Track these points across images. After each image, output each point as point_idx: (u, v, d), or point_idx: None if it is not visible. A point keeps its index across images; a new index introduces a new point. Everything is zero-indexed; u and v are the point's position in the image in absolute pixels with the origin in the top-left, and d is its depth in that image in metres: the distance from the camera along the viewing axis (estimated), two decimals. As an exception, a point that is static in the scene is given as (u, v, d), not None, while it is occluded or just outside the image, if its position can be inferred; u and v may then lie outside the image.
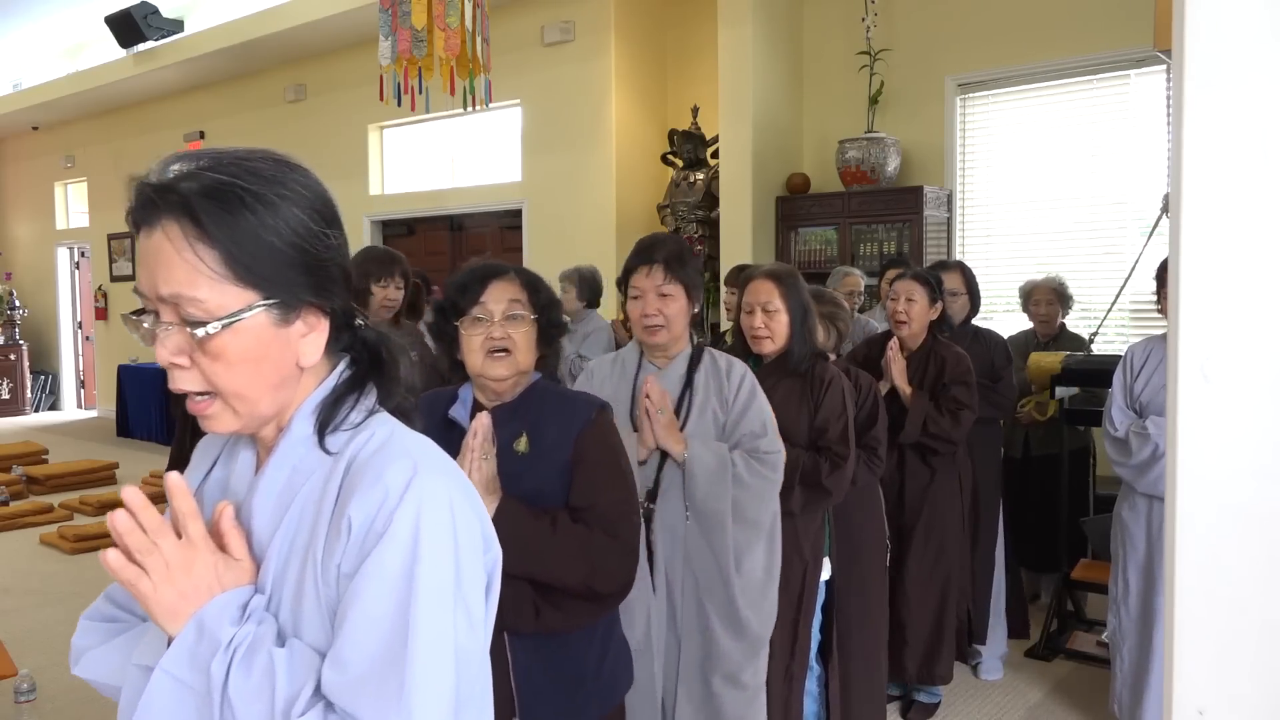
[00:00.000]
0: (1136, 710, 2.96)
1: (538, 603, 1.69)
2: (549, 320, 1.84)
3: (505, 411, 1.81)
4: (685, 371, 2.24)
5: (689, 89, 6.58)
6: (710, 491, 2.12)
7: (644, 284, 2.19)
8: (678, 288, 2.17)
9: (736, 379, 2.24)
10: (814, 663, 2.73)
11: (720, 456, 2.13)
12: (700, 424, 2.20)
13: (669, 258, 2.17)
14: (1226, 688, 0.89)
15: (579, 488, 1.74)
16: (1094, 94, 5.19)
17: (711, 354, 2.28)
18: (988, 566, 3.69)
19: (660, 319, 2.18)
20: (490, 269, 1.84)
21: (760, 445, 2.18)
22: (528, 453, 1.78)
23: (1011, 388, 3.75)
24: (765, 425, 2.20)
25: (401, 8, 3.59)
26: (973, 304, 3.84)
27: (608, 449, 1.78)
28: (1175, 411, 0.89)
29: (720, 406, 2.21)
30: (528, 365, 1.80)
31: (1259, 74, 0.85)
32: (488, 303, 1.79)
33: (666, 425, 2.13)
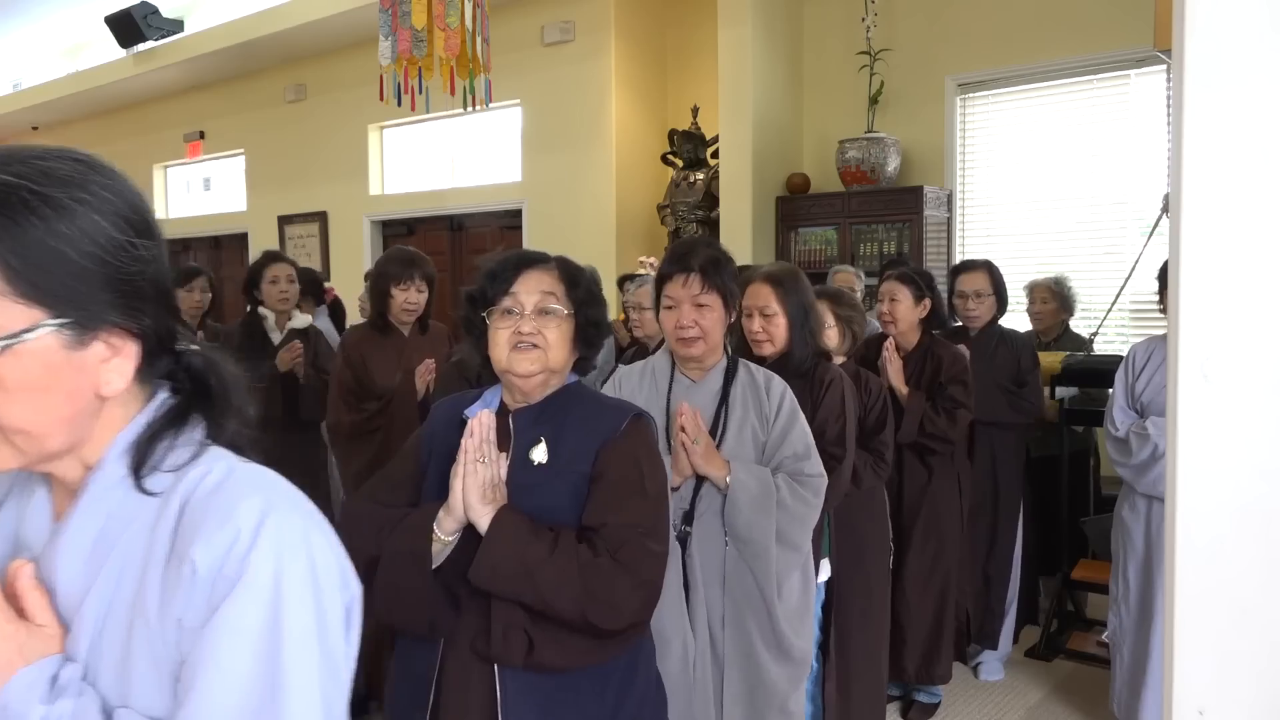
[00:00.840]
0: (1135, 709, 2.96)
1: (531, 633, 1.50)
2: (588, 319, 1.68)
3: (528, 415, 1.66)
4: (721, 386, 2.14)
5: (689, 89, 6.58)
6: (754, 519, 2.03)
7: (679, 293, 2.08)
8: (715, 297, 2.08)
9: (777, 396, 2.13)
10: (812, 661, 2.73)
11: (764, 482, 2.05)
12: (739, 444, 2.11)
13: (706, 265, 2.06)
14: (1226, 688, 0.89)
15: (593, 505, 1.57)
16: (1094, 94, 5.18)
17: (748, 367, 2.19)
18: (1004, 570, 3.66)
19: (696, 330, 2.07)
20: (526, 256, 1.70)
21: (804, 468, 2.10)
22: (545, 463, 1.61)
23: (1037, 393, 3.62)
24: (809, 447, 2.12)
25: (401, 8, 3.59)
26: (1000, 305, 3.71)
27: (632, 465, 1.60)
28: (1175, 411, 0.89)
29: (760, 425, 2.12)
30: (559, 365, 1.65)
31: (1259, 74, 0.85)
32: (519, 293, 1.64)
33: (705, 453, 2.03)
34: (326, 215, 8.55)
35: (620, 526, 1.53)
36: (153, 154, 10.41)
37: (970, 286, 3.66)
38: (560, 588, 1.47)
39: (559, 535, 1.52)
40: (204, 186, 10.46)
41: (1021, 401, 3.55)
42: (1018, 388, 3.57)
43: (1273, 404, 0.86)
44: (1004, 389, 3.54)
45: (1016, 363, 3.61)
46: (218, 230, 9.85)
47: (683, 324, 2.07)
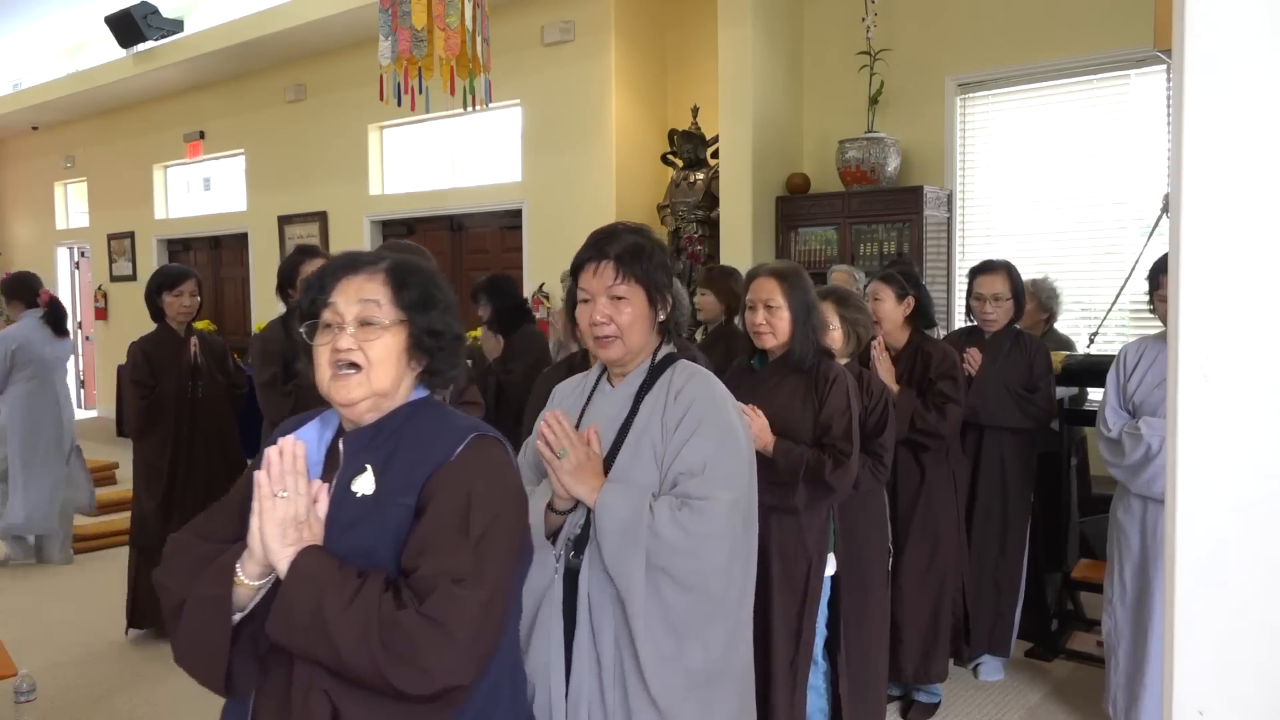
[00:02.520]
0: (1133, 711, 2.96)
1: (335, 697, 1.30)
2: (423, 327, 1.44)
3: (360, 439, 1.44)
4: (636, 392, 1.84)
5: (689, 89, 6.58)
6: (619, 551, 1.69)
7: (592, 284, 1.80)
8: (634, 289, 1.78)
9: (686, 401, 1.77)
10: (820, 658, 2.73)
11: (635, 506, 1.70)
12: (633, 459, 1.78)
13: (623, 252, 1.78)
14: (1226, 688, 0.89)
15: (408, 546, 1.33)
16: (1094, 94, 5.18)
17: (676, 370, 1.86)
18: (1014, 574, 3.64)
19: (611, 328, 1.78)
20: (348, 259, 1.46)
21: (693, 488, 1.70)
22: (370, 495, 1.38)
23: (1049, 398, 3.56)
24: (705, 463, 1.72)
25: (401, 8, 3.59)
26: (1017, 308, 3.65)
27: (460, 497, 1.34)
28: (1175, 411, 0.89)
29: (660, 436, 1.78)
30: (386, 385, 1.41)
31: (1259, 74, 0.85)
32: (338, 303, 1.42)
33: (572, 469, 1.72)
34: (326, 215, 8.55)
35: (433, 573, 1.28)
36: (153, 154, 10.41)
37: (989, 290, 3.61)
38: (356, 645, 1.25)
39: (365, 582, 1.29)
40: (204, 186, 10.46)
41: (1031, 406, 3.52)
42: (1029, 392, 3.54)
43: (1273, 404, 0.86)
44: (1015, 393, 3.51)
45: (1029, 366, 3.57)
46: (218, 230, 9.85)
47: (595, 320, 1.79)
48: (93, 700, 3.54)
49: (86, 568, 5.33)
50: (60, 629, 4.33)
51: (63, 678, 3.72)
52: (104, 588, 4.86)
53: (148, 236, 10.69)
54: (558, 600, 1.76)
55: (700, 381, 1.83)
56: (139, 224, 10.76)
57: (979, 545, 3.59)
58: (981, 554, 3.60)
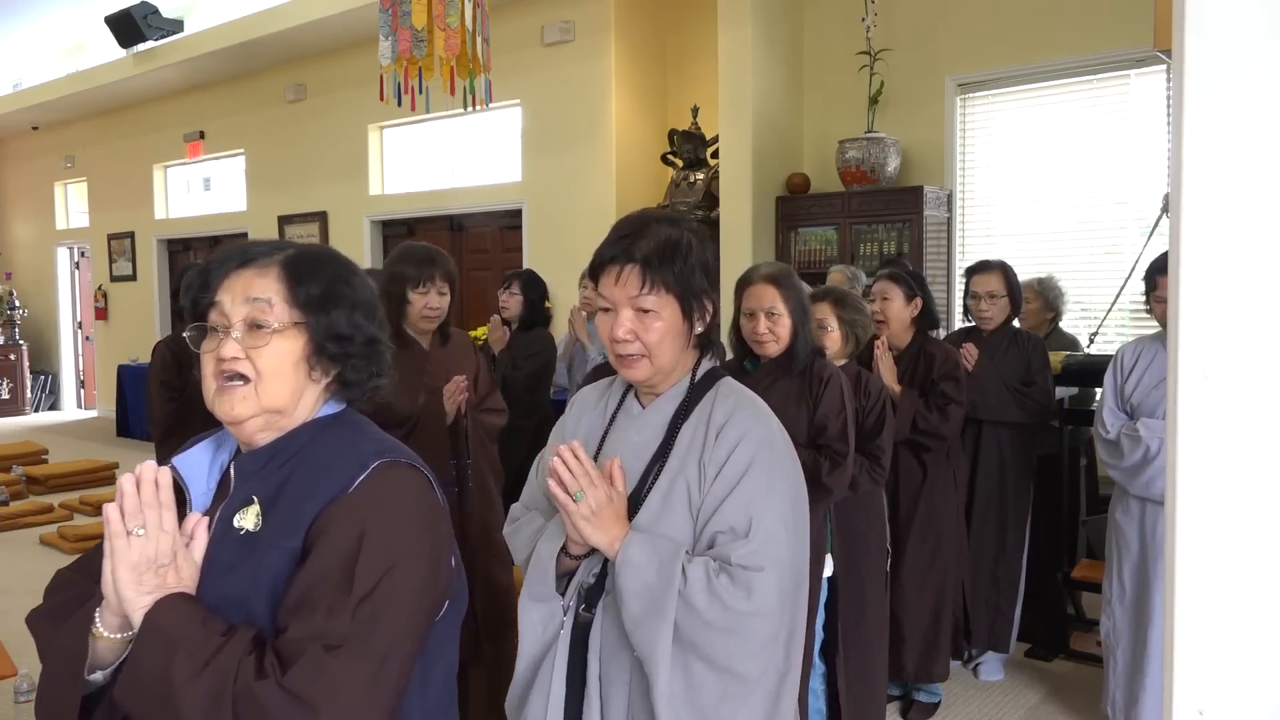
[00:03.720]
0: (1132, 711, 2.95)
1: None
2: (327, 330, 1.21)
3: (249, 464, 1.22)
4: (670, 420, 1.53)
5: (689, 89, 6.58)
6: (641, 617, 1.40)
7: (615, 293, 1.48)
8: (665, 299, 1.46)
9: (731, 440, 1.46)
10: (817, 659, 2.73)
11: (665, 565, 1.41)
12: (664, 508, 1.47)
13: (653, 254, 1.45)
14: (1226, 688, 0.89)
15: (286, 599, 1.11)
16: (1094, 94, 5.18)
17: (719, 394, 1.55)
18: (1014, 571, 3.65)
19: (637, 346, 1.47)
20: (234, 252, 1.25)
21: (733, 553, 1.40)
22: (254, 533, 1.16)
23: (1046, 393, 3.58)
24: (752, 522, 1.42)
25: (401, 8, 3.59)
26: (1014, 306, 3.68)
27: (349, 541, 1.12)
28: (1175, 411, 0.89)
29: (697, 480, 1.47)
30: (279, 401, 1.20)
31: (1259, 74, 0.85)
32: (224, 303, 1.21)
33: (590, 514, 1.43)
34: (326, 215, 8.55)
35: (299, 637, 1.07)
36: (153, 154, 10.41)
37: (984, 288, 3.65)
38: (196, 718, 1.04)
39: (226, 643, 1.07)
40: (204, 186, 10.46)
41: (1029, 402, 3.55)
42: (1026, 388, 3.56)
43: (1273, 404, 0.86)
44: (1013, 389, 3.54)
45: (1027, 363, 3.60)
46: (218, 230, 9.85)
47: (618, 337, 1.47)
48: (93, 700, 3.53)
49: (86, 568, 5.34)
50: (60, 629, 4.33)
51: (63, 678, 3.72)
52: (104, 588, 4.86)
53: (148, 236, 10.69)
54: (562, 659, 1.48)
55: (748, 413, 1.50)
56: (139, 224, 10.77)
57: (978, 542, 3.60)
58: (981, 550, 3.61)
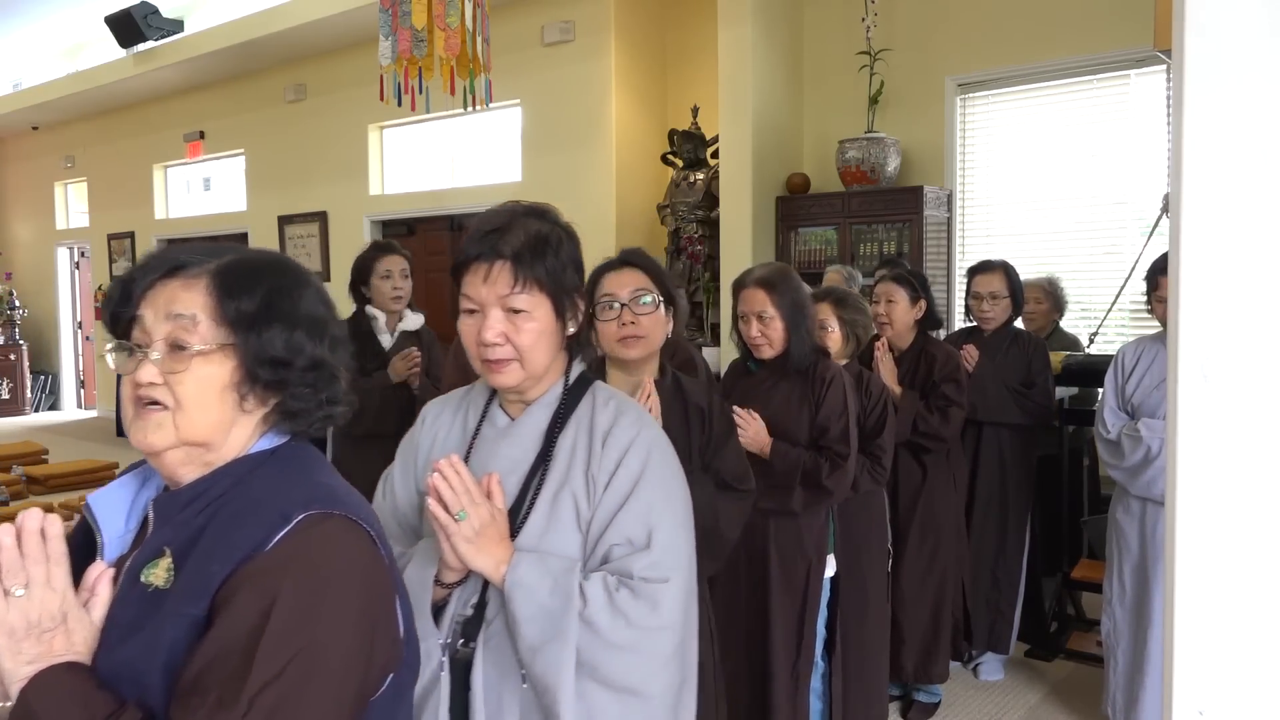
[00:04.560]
0: (1132, 711, 2.96)
1: None
2: (260, 353, 1.04)
3: (168, 506, 1.06)
4: (546, 429, 1.41)
5: (689, 89, 6.58)
6: (539, 642, 1.28)
7: (482, 293, 1.36)
8: (537, 298, 1.36)
9: (619, 446, 1.37)
10: (819, 659, 2.73)
11: (560, 584, 1.29)
12: (550, 522, 1.36)
13: (523, 249, 1.35)
14: (1226, 688, 0.89)
15: (181, 676, 0.95)
16: (1094, 94, 5.18)
17: (596, 399, 1.44)
18: (1014, 574, 3.65)
19: (507, 349, 1.36)
20: (159, 259, 1.09)
21: (635, 566, 1.31)
22: (163, 591, 1.00)
23: (1047, 394, 3.58)
24: (652, 532, 1.32)
25: (401, 8, 3.59)
26: (1015, 306, 3.68)
27: (254, 614, 0.94)
28: (1175, 411, 0.89)
29: (585, 491, 1.36)
30: (202, 433, 1.04)
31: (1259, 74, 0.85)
32: (146, 317, 1.05)
33: (473, 535, 1.30)
34: (326, 215, 8.55)
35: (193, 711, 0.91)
36: (153, 154, 10.40)
37: (986, 288, 3.65)
38: None
39: None
40: (204, 186, 10.46)
41: (1029, 403, 3.54)
42: (1026, 389, 3.56)
43: (1273, 404, 0.86)
44: (1013, 390, 3.54)
45: (1027, 364, 3.60)
46: (218, 230, 9.84)
47: (487, 340, 1.35)
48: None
49: (86, 568, 5.33)
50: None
51: (63, 678, 3.71)
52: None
53: (148, 236, 10.68)
54: (445, 702, 1.33)
55: (632, 418, 1.40)
56: (139, 224, 10.76)
57: (978, 542, 3.60)
58: (980, 551, 3.61)
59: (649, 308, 1.97)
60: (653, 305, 1.97)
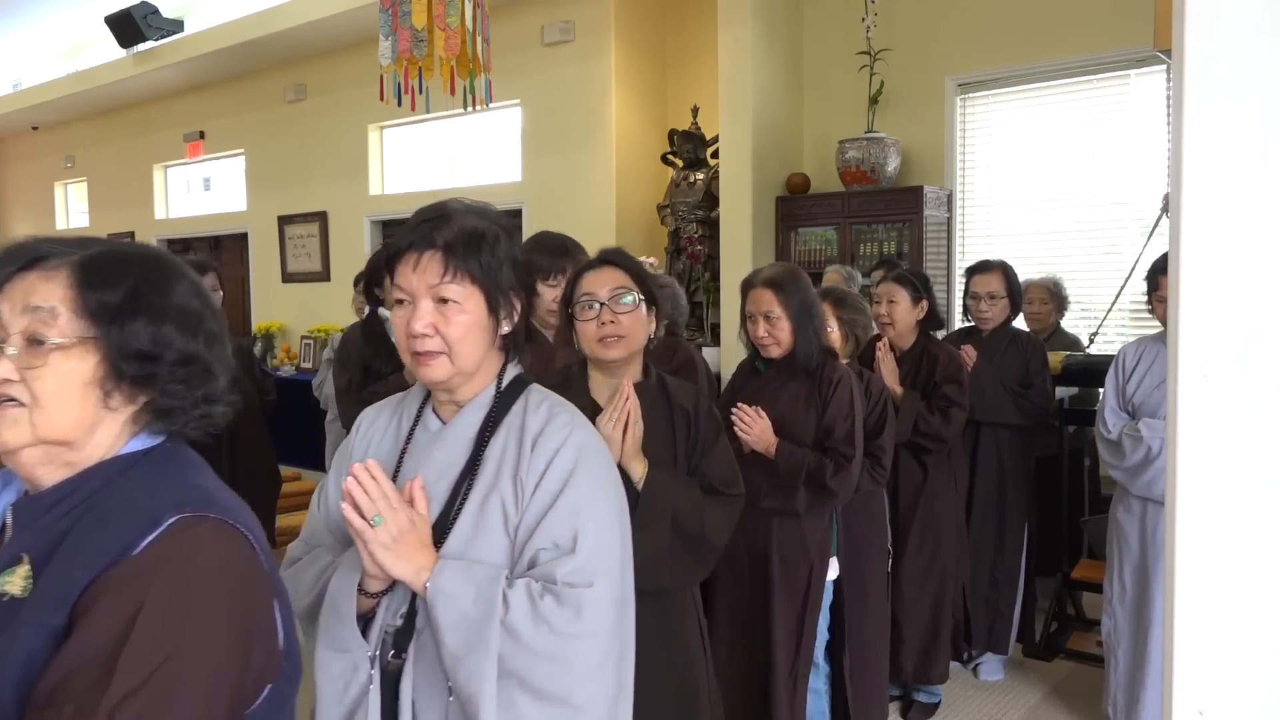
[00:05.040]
0: (1133, 711, 2.96)
1: None
2: (126, 346, 1.00)
3: (29, 511, 1.00)
4: (477, 433, 1.38)
5: (689, 89, 6.58)
6: (461, 652, 1.24)
7: (412, 282, 1.33)
8: (470, 289, 1.33)
9: (548, 449, 1.33)
10: (821, 661, 2.73)
11: (483, 592, 1.25)
12: (478, 528, 1.33)
13: (456, 241, 1.32)
14: (1226, 688, 0.89)
15: (36, 689, 0.88)
16: (1094, 94, 5.18)
17: (529, 402, 1.40)
18: (1012, 574, 3.64)
19: (436, 341, 1.32)
20: (20, 249, 1.03)
21: (559, 571, 1.27)
22: (22, 600, 0.94)
23: (1045, 395, 3.59)
24: (577, 536, 1.29)
25: (401, 8, 3.59)
26: (1013, 306, 3.68)
27: (119, 620, 0.89)
28: (1175, 411, 0.89)
29: (513, 496, 1.33)
30: (59, 431, 0.98)
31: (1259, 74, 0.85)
32: (2, 311, 1.01)
33: (390, 541, 1.26)
34: (326, 215, 8.55)
35: None
36: (153, 154, 10.40)
37: (984, 289, 3.65)
38: None
39: None
40: (204, 186, 10.46)
41: (1027, 403, 3.54)
42: (1024, 389, 3.56)
43: (1273, 404, 0.86)
44: (1011, 390, 3.54)
45: (1025, 364, 3.60)
46: (218, 230, 9.85)
47: (415, 330, 1.32)
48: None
49: (86, 568, 5.33)
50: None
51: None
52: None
53: (148, 236, 10.68)
54: (372, 717, 1.30)
55: (564, 419, 1.37)
56: (139, 224, 10.76)
57: (977, 543, 3.60)
58: (980, 551, 3.61)
59: (629, 307, 1.94)
60: (633, 304, 1.94)
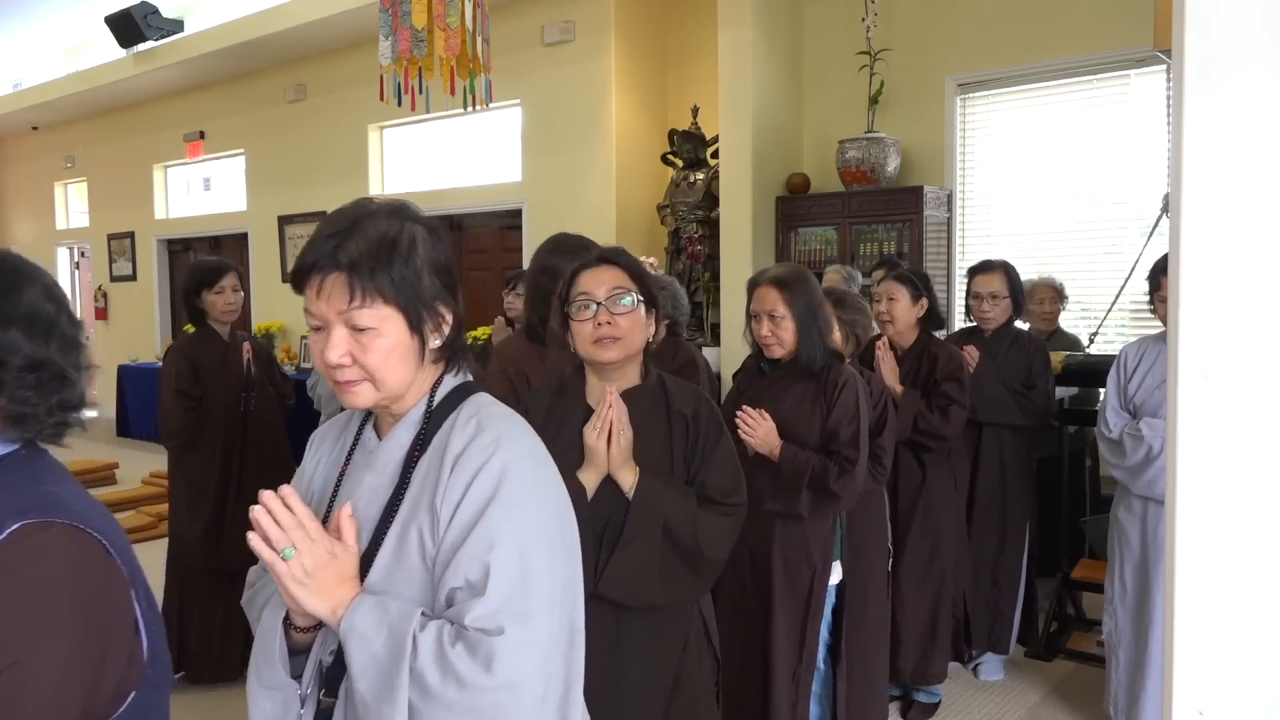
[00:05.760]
0: (1134, 711, 2.96)
1: None
2: None
3: None
4: (406, 453, 1.24)
5: (689, 89, 6.58)
6: (372, 700, 1.12)
7: (320, 309, 1.19)
8: (384, 311, 1.18)
9: (469, 469, 1.17)
10: (822, 663, 2.73)
11: (394, 632, 1.12)
12: (397, 560, 1.18)
13: (361, 258, 1.17)
14: (1226, 688, 0.89)
15: None
16: (1094, 94, 5.18)
17: (460, 417, 1.24)
18: (1014, 574, 3.64)
19: (355, 370, 1.19)
20: None
21: (467, 614, 1.10)
22: None
23: (1047, 395, 3.57)
24: (489, 572, 1.12)
25: (401, 8, 3.59)
26: (1015, 306, 3.67)
27: None
28: (1175, 411, 0.89)
29: (429, 525, 1.17)
30: None
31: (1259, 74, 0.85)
32: None
33: (303, 575, 1.14)
34: (326, 215, 8.56)
35: None
36: (153, 154, 10.41)
37: (986, 288, 3.64)
38: None
39: None
40: (204, 186, 10.46)
41: (1029, 403, 3.54)
42: (1026, 389, 3.56)
43: (1273, 404, 0.86)
44: (1013, 391, 3.53)
45: (1027, 364, 3.59)
46: (218, 230, 9.85)
47: (330, 360, 1.18)
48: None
49: (86, 568, 5.33)
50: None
51: (63, 678, 3.71)
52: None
53: (148, 236, 10.69)
54: None
55: (490, 437, 1.19)
56: (139, 224, 10.77)
57: (978, 543, 3.60)
58: (981, 552, 3.61)
59: (627, 308, 1.85)
60: (632, 306, 1.86)
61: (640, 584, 1.80)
